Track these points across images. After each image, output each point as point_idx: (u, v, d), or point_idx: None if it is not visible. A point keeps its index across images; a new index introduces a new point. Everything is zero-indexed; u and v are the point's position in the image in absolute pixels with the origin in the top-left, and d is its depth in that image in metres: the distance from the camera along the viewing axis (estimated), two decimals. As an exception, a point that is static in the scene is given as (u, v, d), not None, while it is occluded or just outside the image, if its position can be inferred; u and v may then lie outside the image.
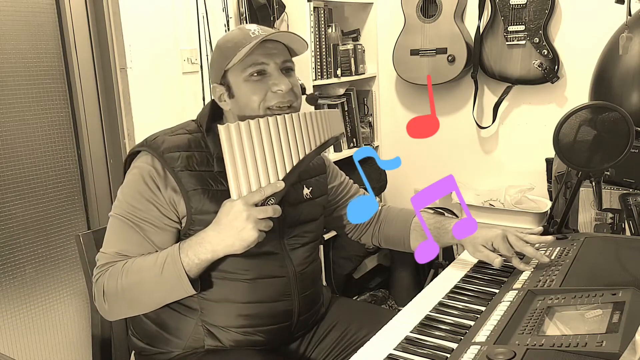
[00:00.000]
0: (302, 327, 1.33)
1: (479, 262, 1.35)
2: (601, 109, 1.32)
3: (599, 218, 2.05)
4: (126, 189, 1.22)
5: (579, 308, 0.99)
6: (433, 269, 2.78)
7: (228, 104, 1.25)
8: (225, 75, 1.23)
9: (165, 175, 1.19)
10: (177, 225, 1.21)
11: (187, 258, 1.13)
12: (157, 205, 1.19)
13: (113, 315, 1.22)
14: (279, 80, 1.21)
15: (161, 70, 2.17)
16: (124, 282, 1.15)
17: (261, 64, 1.20)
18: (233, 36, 1.23)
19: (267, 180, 1.12)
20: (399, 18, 2.82)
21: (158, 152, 1.19)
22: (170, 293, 1.17)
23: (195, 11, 2.25)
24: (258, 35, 1.21)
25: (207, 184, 1.19)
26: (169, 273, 1.13)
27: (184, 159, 1.19)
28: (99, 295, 1.18)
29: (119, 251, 1.19)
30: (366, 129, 3.05)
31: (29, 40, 1.89)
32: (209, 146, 1.23)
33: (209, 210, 1.18)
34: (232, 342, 1.23)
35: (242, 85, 1.21)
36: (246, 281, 1.23)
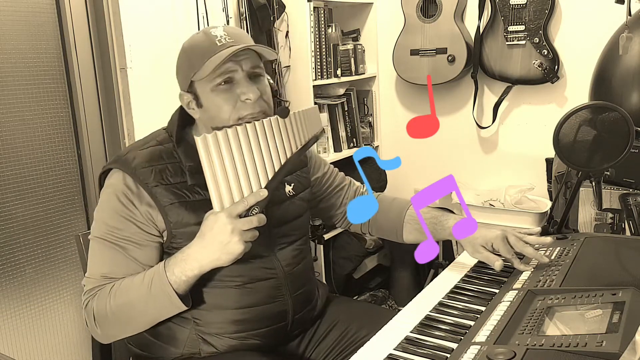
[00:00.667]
0: (299, 326, 1.33)
1: (479, 263, 1.35)
2: (601, 109, 1.32)
3: (599, 218, 2.05)
4: (102, 209, 1.19)
5: (579, 308, 0.99)
6: (433, 269, 2.78)
7: (197, 112, 1.21)
8: (192, 84, 1.19)
9: (139, 192, 1.16)
10: (159, 240, 1.19)
11: (174, 276, 1.11)
12: (135, 222, 1.17)
13: (107, 338, 1.21)
14: (247, 89, 1.16)
15: (161, 70, 2.17)
16: (113, 305, 1.13)
17: (229, 72, 1.16)
18: (198, 43, 1.18)
19: (249, 189, 1.10)
20: (399, 18, 2.82)
21: (130, 168, 1.17)
22: (162, 312, 1.15)
23: (195, 11, 2.25)
24: (225, 43, 1.16)
25: (183, 196, 1.17)
26: (157, 292, 1.11)
27: (157, 173, 1.16)
28: (90, 319, 1.17)
29: (104, 274, 1.17)
30: (366, 129, 3.04)
31: (29, 40, 1.89)
32: (181, 158, 1.20)
33: (188, 222, 1.16)
34: (228, 348, 1.23)
35: (210, 95, 1.17)
36: (236, 287, 1.21)
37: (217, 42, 1.16)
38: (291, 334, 1.32)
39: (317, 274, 2.72)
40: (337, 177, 1.52)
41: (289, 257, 1.29)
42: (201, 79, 1.17)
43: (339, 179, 1.52)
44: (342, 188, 1.52)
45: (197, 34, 1.22)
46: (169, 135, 1.24)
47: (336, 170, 1.54)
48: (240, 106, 1.17)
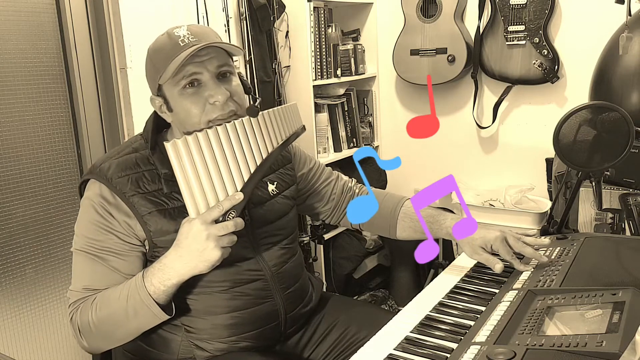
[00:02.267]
0: (293, 323, 1.32)
1: (479, 263, 1.35)
2: (601, 109, 1.32)
3: (599, 218, 2.05)
4: (81, 221, 1.18)
5: (579, 308, 0.99)
6: (433, 269, 2.78)
7: (169, 116, 1.19)
8: (160, 87, 1.16)
9: (116, 202, 1.15)
10: (140, 249, 1.17)
11: (153, 287, 1.08)
12: (114, 233, 1.15)
13: (94, 350, 1.19)
14: (215, 91, 1.12)
15: (161, 70, 2.17)
16: (95, 318, 1.12)
17: (193, 74, 1.12)
18: (162, 45, 1.15)
19: (224, 193, 1.07)
20: (399, 18, 2.82)
21: (105, 179, 1.15)
22: (144, 322, 1.12)
23: (195, 11, 2.25)
24: (188, 43, 1.12)
25: (161, 204, 1.15)
26: (137, 303, 1.09)
27: (133, 182, 1.15)
28: (76, 332, 1.16)
29: (86, 286, 1.16)
30: (366, 129, 3.05)
31: (29, 40, 1.89)
32: (157, 165, 1.18)
33: (168, 230, 1.15)
34: (223, 352, 1.22)
35: (178, 99, 1.14)
36: (223, 291, 1.20)
37: (180, 43, 1.12)
38: (286, 332, 1.31)
39: (317, 273, 2.72)
40: (323, 172, 1.50)
41: (275, 257, 1.27)
42: (166, 81, 1.13)
43: (326, 173, 1.50)
44: (329, 183, 1.49)
45: (162, 36, 1.18)
46: (145, 141, 1.22)
47: (323, 164, 1.52)
48: (209, 109, 1.13)
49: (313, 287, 1.41)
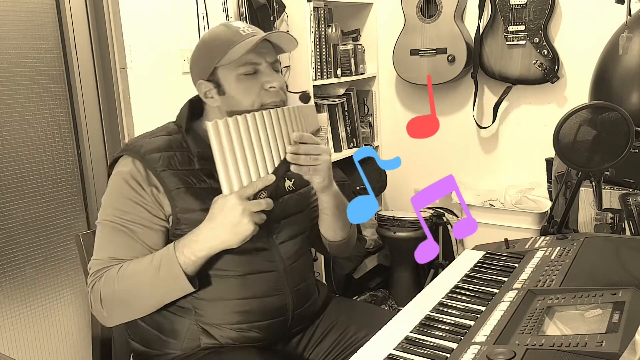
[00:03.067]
0: (298, 323, 1.33)
1: (479, 262, 1.35)
2: (601, 109, 1.32)
3: (599, 218, 2.05)
4: (111, 194, 1.22)
5: (579, 308, 0.99)
6: (433, 269, 2.78)
7: (216, 100, 1.24)
8: (214, 72, 1.22)
9: (147, 175, 1.19)
10: (165, 224, 1.21)
11: (184, 256, 1.13)
12: (144, 206, 1.19)
13: (112, 321, 1.22)
14: (272, 77, 1.22)
15: (161, 70, 2.17)
16: (120, 287, 1.14)
17: (254, 63, 1.21)
18: (221, 33, 1.23)
19: (257, 174, 1.13)
20: (399, 18, 2.82)
21: (139, 154, 1.20)
22: (169, 293, 1.17)
23: (195, 11, 2.25)
24: (248, 33, 1.21)
25: (190, 183, 1.20)
26: (166, 273, 1.13)
27: (165, 159, 1.19)
28: (96, 302, 1.18)
29: (112, 256, 1.18)
30: (366, 129, 3.05)
31: (29, 40, 1.89)
32: (190, 145, 1.23)
33: (194, 208, 1.19)
34: (228, 340, 1.23)
35: (235, 83, 1.21)
36: (237, 277, 1.23)
37: (240, 32, 1.22)
38: (291, 331, 1.32)
39: (317, 273, 2.72)
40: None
41: (289, 252, 1.30)
42: (227, 64, 1.20)
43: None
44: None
45: (217, 27, 1.27)
46: (178, 127, 1.28)
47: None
48: (264, 94, 1.22)
49: (318, 292, 1.43)
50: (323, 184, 1.26)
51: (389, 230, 2.83)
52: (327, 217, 1.35)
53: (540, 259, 1.29)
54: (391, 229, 2.82)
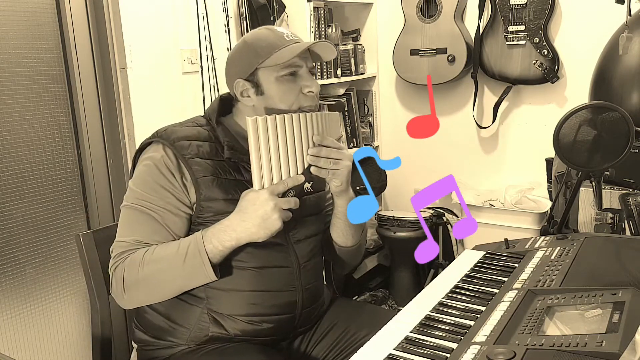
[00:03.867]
0: (304, 322, 1.34)
1: (479, 262, 1.35)
2: (601, 109, 1.32)
3: (599, 218, 2.05)
4: (139, 178, 1.23)
5: (579, 308, 0.99)
6: (433, 269, 2.78)
7: (252, 100, 1.27)
8: (254, 72, 1.25)
9: (177, 162, 1.22)
10: (190, 211, 1.23)
11: (211, 245, 1.15)
12: (173, 192, 1.21)
13: (131, 303, 1.24)
14: (310, 82, 1.26)
15: (161, 70, 2.17)
16: (145, 271, 1.16)
17: (296, 66, 1.24)
18: (265, 36, 1.26)
19: (287, 173, 1.17)
20: (399, 18, 2.82)
21: (169, 140, 1.22)
22: (192, 280, 1.18)
23: (195, 11, 2.25)
24: (292, 39, 1.25)
25: (216, 173, 1.22)
26: (192, 260, 1.15)
27: (194, 147, 1.22)
28: (118, 284, 1.19)
29: (137, 239, 1.21)
30: (366, 129, 3.05)
31: (29, 40, 1.89)
32: (219, 137, 1.26)
33: (217, 197, 1.21)
34: (238, 331, 1.24)
35: (275, 84, 1.24)
36: (252, 269, 1.24)
37: (285, 37, 1.25)
38: (297, 329, 1.33)
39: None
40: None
41: (305, 250, 1.32)
42: (271, 66, 1.22)
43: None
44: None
45: (260, 30, 1.30)
46: (207, 120, 1.30)
47: None
48: (302, 97, 1.26)
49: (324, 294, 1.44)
50: (340, 188, 1.28)
51: (389, 230, 2.83)
52: (340, 221, 1.37)
53: (540, 259, 1.29)
54: (391, 229, 2.82)
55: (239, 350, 1.23)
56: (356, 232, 1.39)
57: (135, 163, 1.29)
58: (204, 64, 2.26)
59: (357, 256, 1.47)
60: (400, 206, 3.16)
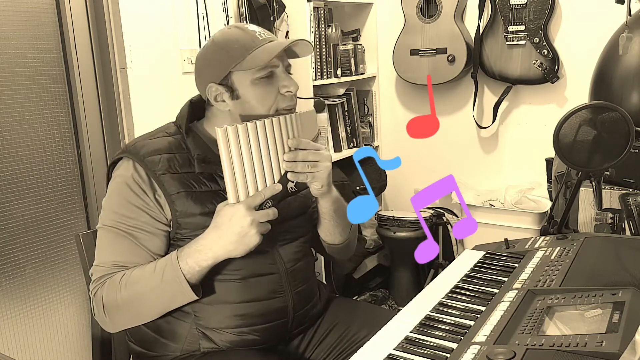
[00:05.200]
0: (299, 324, 1.32)
1: (479, 262, 1.35)
2: (601, 109, 1.32)
3: (599, 218, 2.05)
4: (112, 198, 1.20)
5: (579, 308, 0.99)
6: (433, 269, 2.78)
7: (227, 104, 1.22)
8: (227, 76, 1.20)
9: (149, 180, 1.18)
10: (167, 229, 1.20)
11: (187, 266, 1.12)
12: (146, 211, 1.18)
13: (116, 327, 1.22)
14: (288, 82, 1.21)
15: (161, 70, 2.17)
16: (123, 294, 1.14)
17: (273, 66, 1.19)
18: (236, 36, 1.20)
19: (263, 182, 1.12)
20: (399, 18, 2.82)
21: (138, 156, 1.18)
22: (172, 301, 1.16)
23: (195, 11, 2.25)
24: (265, 37, 1.20)
25: (190, 186, 1.18)
26: (169, 282, 1.12)
27: (164, 162, 1.18)
28: (99, 309, 1.17)
29: (115, 262, 1.17)
30: (366, 129, 3.05)
31: (29, 40, 1.89)
32: (190, 148, 1.22)
33: (194, 212, 1.17)
34: (228, 344, 1.23)
35: (251, 88, 1.19)
36: (237, 281, 1.22)
37: (258, 37, 1.19)
38: (291, 332, 1.32)
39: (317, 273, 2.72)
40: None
41: (290, 254, 1.29)
42: (247, 69, 1.17)
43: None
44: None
45: (229, 29, 1.23)
46: (178, 128, 1.26)
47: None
48: (280, 98, 1.21)
49: (320, 293, 1.42)
50: (322, 191, 1.24)
51: (389, 230, 2.83)
52: (326, 221, 1.34)
53: (540, 259, 1.29)
54: (391, 229, 2.82)
55: (235, 355, 1.22)
56: (344, 230, 1.37)
57: (108, 179, 1.25)
58: (204, 64, 2.26)
59: (347, 252, 1.45)
60: (400, 206, 3.16)
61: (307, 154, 1.17)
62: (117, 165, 1.23)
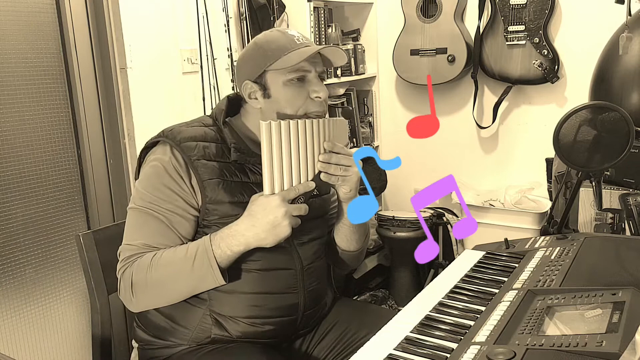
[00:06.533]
0: (306, 324, 1.34)
1: (479, 262, 1.35)
2: (601, 109, 1.32)
3: (599, 218, 2.05)
4: (147, 180, 1.22)
5: (579, 308, 0.99)
6: (433, 269, 2.78)
7: (259, 102, 1.25)
8: (262, 75, 1.23)
9: (185, 165, 1.21)
10: (197, 214, 1.22)
11: (220, 250, 1.15)
12: (181, 195, 1.20)
13: (140, 307, 1.23)
14: (319, 88, 1.23)
15: (161, 70, 2.17)
16: (154, 275, 1.16)
17: (305, 70, 1.22)
18: (275, 38, 1.24)
19: (298, 179, 1.17)
20: (399, 18, 2.82)
21: (175, 141, 1.21)
22: (201, 284, 1.18)
23: (195, 11, 2.25)
24: (303, 42, 1.23)
25: (222, 175, 1.21)
26: (201, 265, 1.14)
27: (200, 149, 1.21)
28: (126, 287, 1.19)
29: (146, 243, 1.20)
30: (366, 129, 3.05)
31: (29, 40, 1.89)
32: (225, 138, 1.25)
33: (223, 200, 1.20)
34: (239, 333, 1.24)
35: (282, 88, 1.22)
36: (256, 271, 1.24)
37: (295, 40, 1.23)
38: (298, 331, 1.33)
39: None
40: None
41: (308, 253, 1.31)
42: (279, 69, 1.21)
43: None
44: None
45: (271, 32, 1.28)
46: (214, 120, 1.29)
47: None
48: (310, 102, 1.23)
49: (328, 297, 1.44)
50: (349, 195, 1.27)
51: (389, 230, 2.83)
52: (346, 227, 1.36)
53: (540, 259, 1.29)
54: (391, 229, 2.82)
55: (239, 351, 1.23)
56: (360, 237, 1.39)
57: (141, 162, 1.28)
58: (204, 64, 2.26)
59: (358, 259, 1.47)
60: (400, 206, 3.16)
61: (341, 158, 1.22)
62: (152, 150, 1.26)
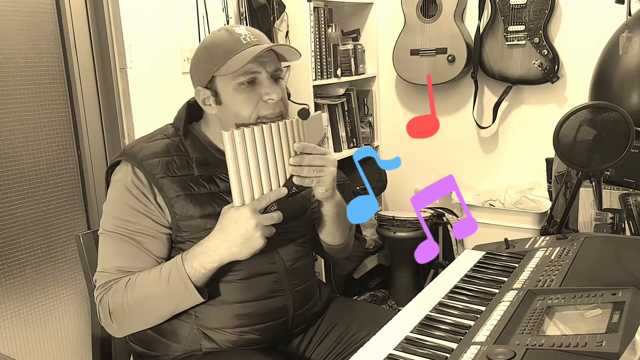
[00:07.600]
0: (299, 323, 1.32)
1: (479, 262, 1.35)
2: (601, 109, 1.32)
3: (599, 218, 2.05)
4: (113, 203, 1.20)
5: (579, 308, 0.99)
6: (433, 269, 2.78)
7: (214, 108, 1.22)
8: (212, 80, 1.19)
9: (149, 183, 1.18)
10: (169, 232, 1.20)
11: (193, 269, 1.12)
12: (148, 215, 1.18)
13: (122, 332, 1.21)
14: (271, 89, 1.18)
15: (161, 70, 2.17)
16: (130, 300, 1.14)
17: (253, 72, 1.17)
18: (222, 40, 1.19)
19: (269, 186, 1.12)
20: (399, 18, 2.82)
21: (137, 160, 1.18)
22: (179, 304, 1.16)
23: (195, 11, 2.25)
24: (250, 41, 1.17)
25: (189, 189, 1.18)
26: (176, 286, 1.12)
27: (163, 165, 1.18)
28: (105, 315, 1.18)
29: (119, 267, 1.17)
30: (366, 129, 3.05)
31: (29, 40, 1.89)
32: (188, 150, 1.21)
33: (193, 215, 1.17)
34: (229, 343, 1.23)
35: (232, 94, 1.18)
36: (238, 281, 1.22)
37: (242, 40, 1.17)
38: (292, 331, 1.32)
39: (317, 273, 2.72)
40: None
41: (289, 253, 1.29)
42: (226, 74, 1.16)
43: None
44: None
45: (219, 32, 1.22)
46: (176, 130, 1.26)
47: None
48: (262, 106, 1.18)
49: (320, 292, 1.42)
50: (326, 195, 1.24)
51: (389, 230, 2.83)
52: (328, 224, 1.34)
53: (540, 259, 1.29)
54: (391, 229, 2.82)
55: (236, 353, 1.22)
56: (344, 231, 1.37)
57: (108, 183, 1.24)
58: (204, 64, 2.26)
59: (345, 252, 1.45)
60: (400, 206, 3.16)
61: (313, 159, 1.17)
62: (115, 170, 1.23)
